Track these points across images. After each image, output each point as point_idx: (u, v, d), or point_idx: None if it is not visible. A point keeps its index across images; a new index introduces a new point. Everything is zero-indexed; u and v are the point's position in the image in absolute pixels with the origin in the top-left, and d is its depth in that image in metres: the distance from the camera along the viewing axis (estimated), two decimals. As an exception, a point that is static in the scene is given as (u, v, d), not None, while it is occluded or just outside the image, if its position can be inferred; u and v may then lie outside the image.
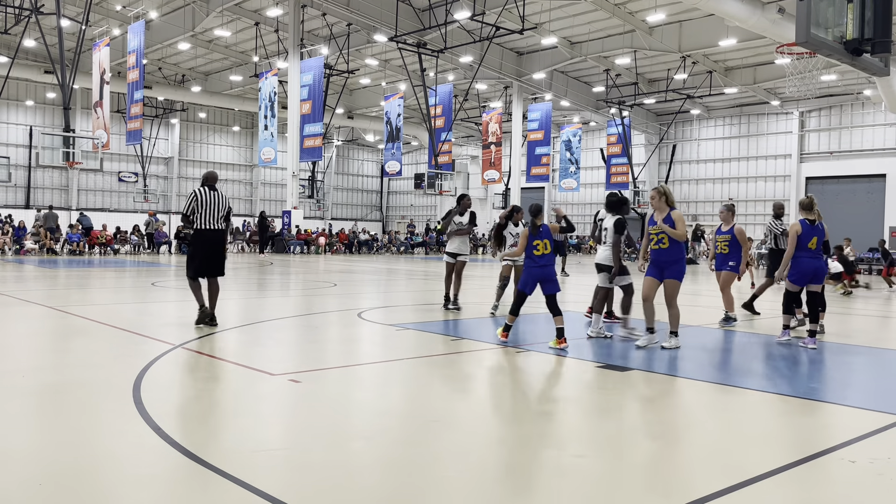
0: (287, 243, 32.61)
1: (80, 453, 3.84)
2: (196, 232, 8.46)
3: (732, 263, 9.63)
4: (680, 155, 44.36)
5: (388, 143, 35.91)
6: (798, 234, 7.83)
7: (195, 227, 8.43)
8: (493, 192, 49.58)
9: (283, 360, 6.72)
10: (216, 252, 8.59)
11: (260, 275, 18.66)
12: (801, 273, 7.91)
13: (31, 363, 6.29)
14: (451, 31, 30.62)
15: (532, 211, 7.72)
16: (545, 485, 3.52)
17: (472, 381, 6.08)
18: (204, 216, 8.41)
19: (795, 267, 7.92)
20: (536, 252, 7.52)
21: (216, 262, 8.59)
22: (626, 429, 4.64)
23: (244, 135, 51.78)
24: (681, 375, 6.29)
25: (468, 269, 22.58)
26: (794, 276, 7.96)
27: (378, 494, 3.35)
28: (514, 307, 7.71)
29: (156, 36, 33.11)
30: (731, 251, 9.70)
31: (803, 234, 7.83)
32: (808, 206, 7.99)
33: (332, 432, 4.33)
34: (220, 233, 8.61)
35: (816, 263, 7.91)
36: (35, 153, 35.07)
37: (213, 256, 8.55)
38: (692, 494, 3.36)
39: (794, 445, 4.31)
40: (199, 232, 8.45)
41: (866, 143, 37.01)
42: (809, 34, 6.43)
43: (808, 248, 7.84)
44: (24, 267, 19.59)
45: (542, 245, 7.52)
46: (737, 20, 24.30)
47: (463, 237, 10.73)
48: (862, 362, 7.35)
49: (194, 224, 8.43)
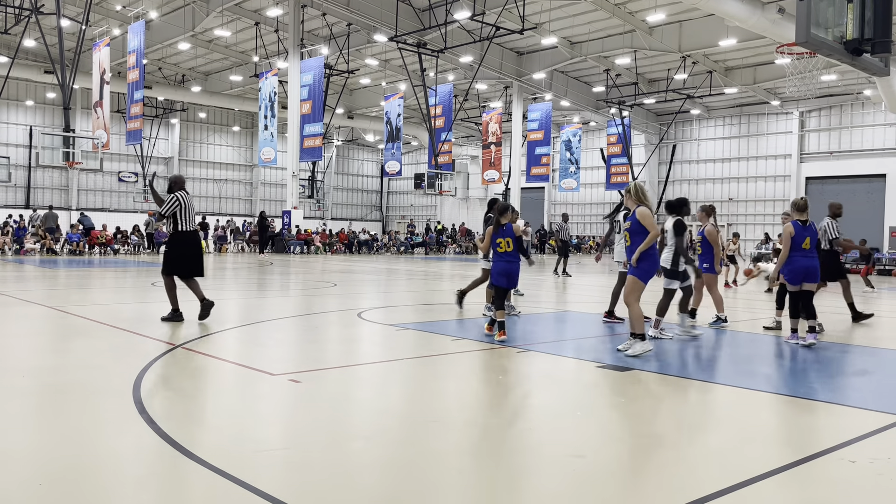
0: (287, 243, 32.61)
1: (79, 453, 3.84)
2: (180, 234, 8.84)
3: (707, 265, 9.57)
4: (680, 155, 44.36)
5: (388, 143, 35.91)
6: (791, 236, 7.98)
7: (178, 229, 8.81)
8: (493, 193, 49.57)
9: (283, 360, 6.72)
10: (198, 254, 9.02)
11: (260, 275, 18.66)
12: (795, 272, 8.06)
13: (32, 363, 6.29)
14: (451, 31, 30.62)
15: (498, 209, 8.06)
16: (545, 485, 3.52)
17: (472, 382, 6.08)
18: (185, 219, 8.81)
19: (789, 266, 8.09)
20: (500, 249, 7.97)
21: (198, 262, 9.00)
22: (626, 429, 4.63)
23: (244, 135, 51.79)
24: (680, 375, 6.29)
25: (470, 269, 22.54)
26: (789, 275, 8.14)
27: (378, 494, 3.35)
28: (497, 302, 7.95)
29: (156, 36, 33.11)
30: (703, 252, 9.66)
31: (796, 234, 8.00)
32: (804, 207, 8.14)
33: (332, 432, 4.33)
34: (198, 234, 9.13)
35: (810, 262, 8.05)
36: (35, 153, 35.09)
37: (196, 258, 8.96)
38: (692, 494, 3.36)
39: (794, 445, 4.31)
40: (182, 234, 8.84)
41: (866, 143, 37.02)
42: (809, 34, 6.44)
43: (802, 248, 8.01)
44: (24, 267, 19.59)
45: (505, 243, 7.95)
46: (737, 20, 24.30)
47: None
48: (862, 362, 7.34)
49: (178, 227, 8.80)
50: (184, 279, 8.87)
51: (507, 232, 7.98)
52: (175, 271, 8.84)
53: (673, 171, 44.02)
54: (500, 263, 7.98)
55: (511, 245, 7.97)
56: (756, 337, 8.73)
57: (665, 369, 6.48)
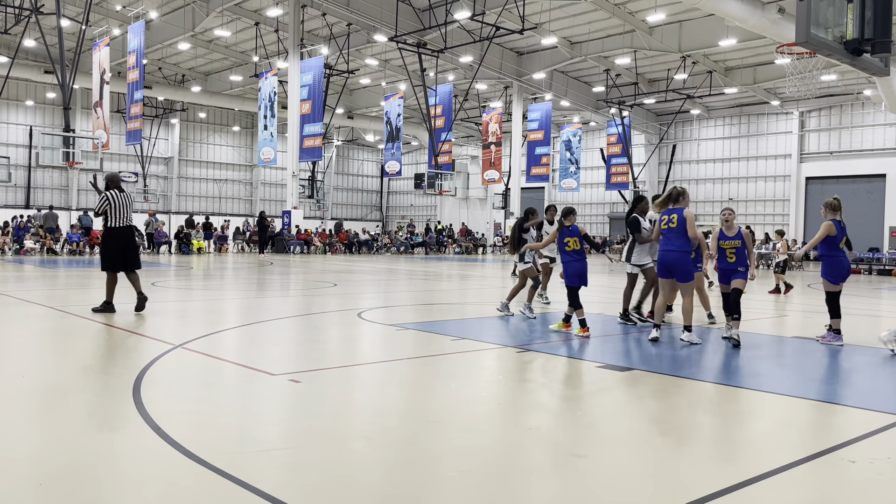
0: (287, 243, 32.61)
1: (79, 453, 3.84)
2: (110, 230, 9.40)
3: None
4: (680, 155, 44.36)
5: (388, 143, 35.90)
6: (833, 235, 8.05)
7: (109, 226, 9.38)
8: (493, 192, 49.57)
9: (283, 360, 6.71)
10: (131, 247, 9.58)
11: (260, 275, 18.66)
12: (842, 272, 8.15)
13: (32, 363, 6.29)
14: (451, 31, 30.62)
15: (563, 212, 8.58)
16: (545, 485, 3.52)
17: (472, 381, 6.07)
18: (116, 216, 9.36)
19: (835, 266, 8.13)
20: (568, 248, 8.41)
21: (133, 256, 9.56)
22: (627, 428, 4.63)
23: (244, 135, 51.78)
24: (680, 375, 6.29)
25: (471, 269, 22.57)
26: (835, 276, 8.17)
27: (378, 494, 3.35)
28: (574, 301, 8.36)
29: (156, 36, 33.11)
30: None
31: (838, 234, 8.07)
32: (839, 207, 8.21)
33: (332, 432, 4.33)
34: (131, 229, 9.68)
35: (848, 263, 8.26)
36: (35, 153, 35.04)
37: (129, 251, 9.51)
38: (692, 494, 3.36)
39: (795, 445, 4.31)
40: (113, 230, 9.39)
41: (866, 143, 37.02)
42: (809, 34, 6.43)
43: (840, 248, 8.10)
44: (24, 267, 19.60)
45: (573, 242, 8.40)
46: (737, 20, 24.30)
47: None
48: (861, 362, 7.34)
49: (108, 223, 9.36)
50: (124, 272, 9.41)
51: (574, 232, 8.42)
52: (111, 266, 9.40)
53: (673, 171, 44.02)
54: (572, 264, 8.40)
55: (578, 244, 8.40)
56: (756, 337, 8.73)
57: (665, 369, 6.47)
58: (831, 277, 8.16)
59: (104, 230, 9.48)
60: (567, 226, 8.45)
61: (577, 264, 8.37)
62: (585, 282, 8.50)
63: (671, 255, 7.80)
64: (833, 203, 8.20)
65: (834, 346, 7.92)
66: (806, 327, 10.08)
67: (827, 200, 8.27)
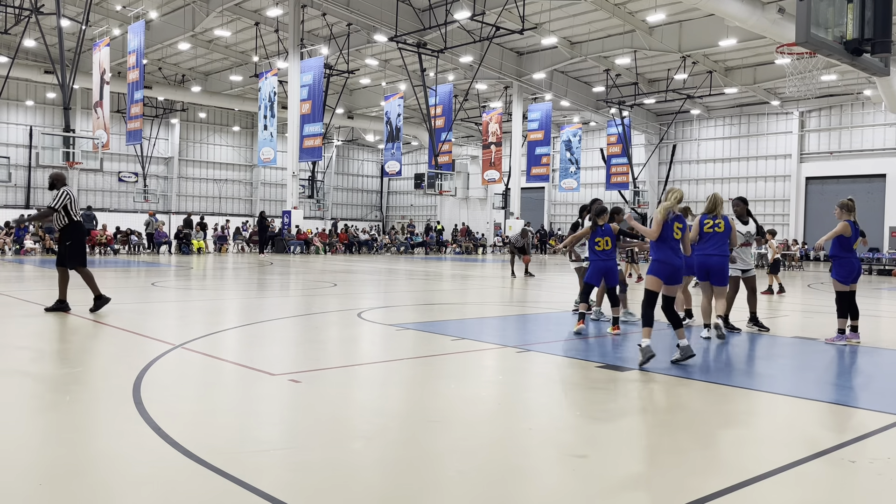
0: (287, 243, 32.60)
1: (79, 453, 3.84)
2: (76, 224, 9.53)
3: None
4: (680, 155, 44.37)
5: (388, 143, 35.90)
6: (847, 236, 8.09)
7: (75, 220, 9.48)
8: (493, 192, 49.58)
9: (283, 360, 6.71)
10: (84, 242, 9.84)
11: (260, 275, 18.66)
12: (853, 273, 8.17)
13: (32, 363, 6.29)
14: (451, 31, 30.62)
15: (596, 211, 8.55)
16: (545, 485, 3.52)
17: (472, 381, 6.07)
18: (75, 211, 9.53)
19: (846, 267, 8.16)
20: (598, 248, 8.45)
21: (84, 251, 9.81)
22: (627, 428, 4.63)
23: (244, 135, 51.78)
24: (680, 375, 6.29)
25: (468, 269, 22.60)
26: (847, 276, 8.19)
27: (377, 494, 3.35)
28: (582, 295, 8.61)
29: (156, 36, 33.11)
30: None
31: (852, 235, 8.10)
32: (853, 207, 8.23)
33: (332, 432, 4.33)
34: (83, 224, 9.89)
35: (860, 263, 8.34)
36: (35, 153, 35.07)
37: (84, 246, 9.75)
38: (692, 494, 3.36)
39: (795, 445, 4.31)
40: (76, 224, 9.54)
41: (866, 143, 37.02)
42: (809, 34, 6.43)
43: (853, 249, 8.16)
44: (24, 267, 19.60)
45: (604, 242, 8.43)
46: (737, 20, 24.30)
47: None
48: (861, 362, 7.34)
49: (72, 217, 9.45)
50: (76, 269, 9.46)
51: (606, 231, 8.46)
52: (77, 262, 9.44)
53: (673, 171, 44.03)
54: (597, 262, 8.45)
55: (609, 244, 8.45)
56: (756, 337, 8.74)
57: (665, 370, 6.47)
58: (841, 278, 8.21)
59: (69, 225, 9.49)
60: (600, 225, 8.50)
61: (602, 264, 8.43)
62: (610, 282, 8.53)
63: (714, 259, 8.02)
64: (848, 204, 8.22)
65: (838, 346, 7.94)
66: (806, 327, 10.08)
67: (842, 201, 8.27)
